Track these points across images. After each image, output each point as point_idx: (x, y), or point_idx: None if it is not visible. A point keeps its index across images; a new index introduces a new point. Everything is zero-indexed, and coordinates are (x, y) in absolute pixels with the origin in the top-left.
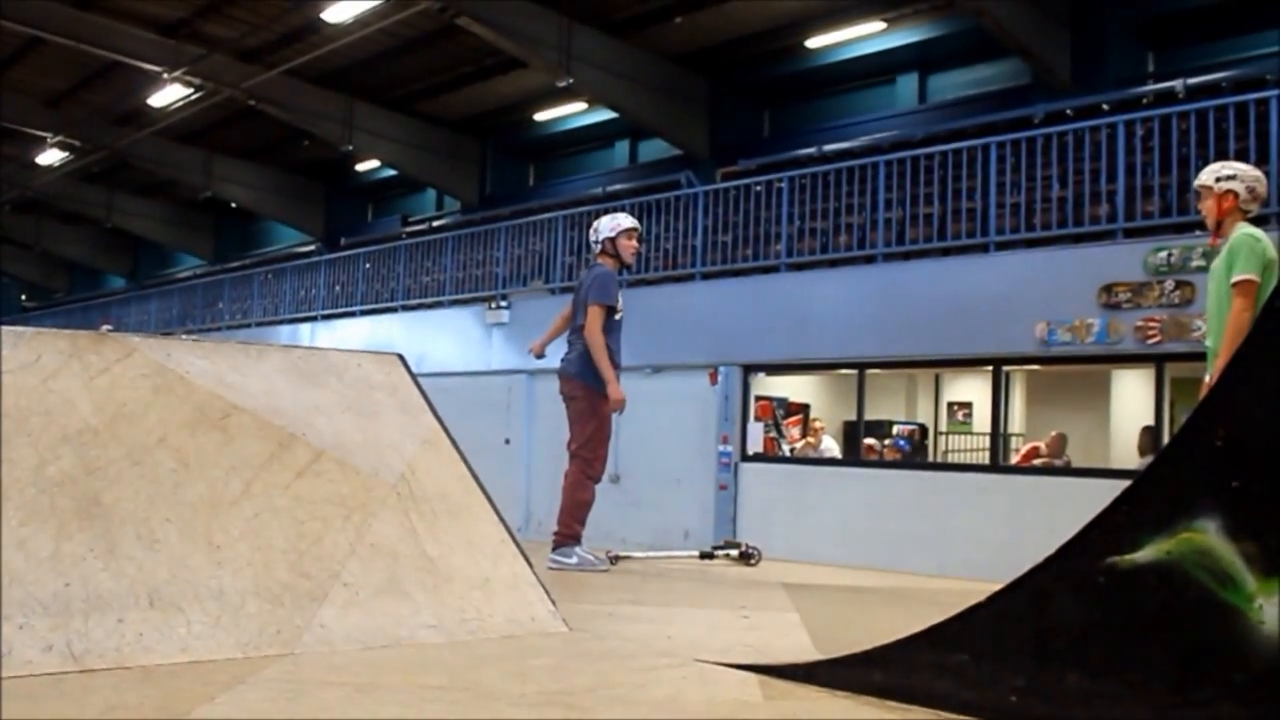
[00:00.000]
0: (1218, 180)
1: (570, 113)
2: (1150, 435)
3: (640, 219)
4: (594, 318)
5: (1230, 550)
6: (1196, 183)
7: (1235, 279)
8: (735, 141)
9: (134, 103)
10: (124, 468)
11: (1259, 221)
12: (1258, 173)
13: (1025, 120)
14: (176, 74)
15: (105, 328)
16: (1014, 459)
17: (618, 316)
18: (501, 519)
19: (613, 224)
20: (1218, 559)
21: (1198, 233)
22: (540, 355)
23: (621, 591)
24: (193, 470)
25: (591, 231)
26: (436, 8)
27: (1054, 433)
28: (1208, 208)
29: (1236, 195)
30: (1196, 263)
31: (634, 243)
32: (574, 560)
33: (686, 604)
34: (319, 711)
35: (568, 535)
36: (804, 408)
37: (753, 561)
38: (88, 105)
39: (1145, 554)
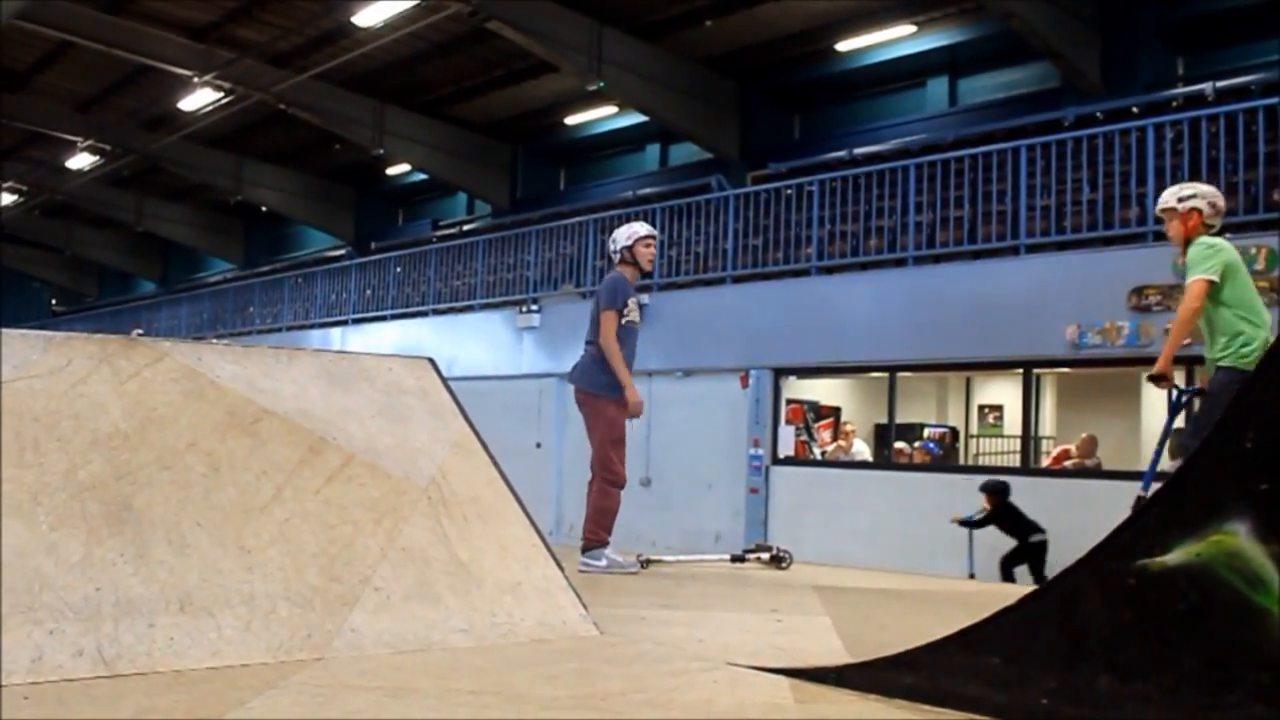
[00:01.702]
0: (1180, 201)
1: (601, 116)
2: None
3: (671, 222)
4: (607, 323)
5: (1261, 552)
6: (1159, 207)
7: (1190, 279)
8: (766, 145)
9: (164, 107)
10: (154, 472)
11: (1268, 225)
12: (1214, 189)
13: (1055, 123)
14: (207, 78)
15: (136, 332)
16: (1045, 462)
17: (624, 321)
18: (532, 523)
19: (629, 232)
20: (1248, 561)
21: (1227, 235)
22: None
23: (653, 595)
24: (223, 475)
25: (610, 242)
26: (467, 11)
27: (1085, 434)
28: (1174, 229)
29: (1200, 212)
30: None
31: (651, 249)
32: (603, 563)
33: (718, 607)
34: (350, 715)
35: (595, 540)
36: (835, 411)
37: (784, 565)
38: (118, 109)
39: (1175, 556)
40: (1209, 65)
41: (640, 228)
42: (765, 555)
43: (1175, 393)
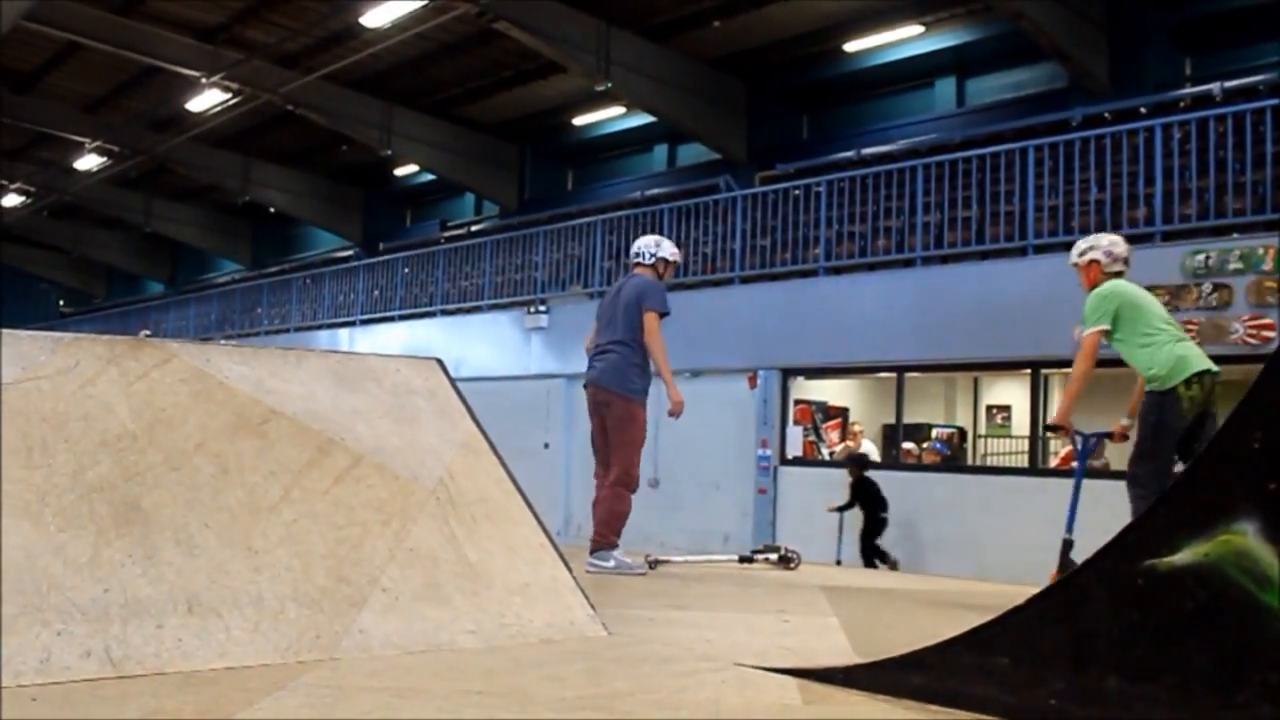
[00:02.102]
0: (1080, 255)
1: (608, 117)
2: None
3: (679, 223)
4: (656, 323)
5: (1269, 552)
6: (1069, 264)
7: (1084, 334)
8: (773, 145)
9: (172, 108)
10: (163, 473)
11: (1275, 225)
12: (1111, 237)
13: (1063, 124)
14: (215, 79)
15: (144, 333)
16: (1053, 462)
17: None
18: (540, 523)
19: (670, 249)
20: (1256, 561)
21: (1235, 235)
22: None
23: (661, 596)
24: (231, 476)
25: (650, 245)
26: (475, 12)
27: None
28: (1082, 282)
29: (1098, 263)
30: (1234, 265)
31: (671, 273)
32: (611, 564)
33: (726, 608)
34: (358, 716)
35: (605, 541)
36: (843, 411)
37: (792, 565)
38: (126, 110)
39: (1184, 556)
40: (1217, 65)
41: (674, 249)
42: (773, 556)
43: (1080, 440)
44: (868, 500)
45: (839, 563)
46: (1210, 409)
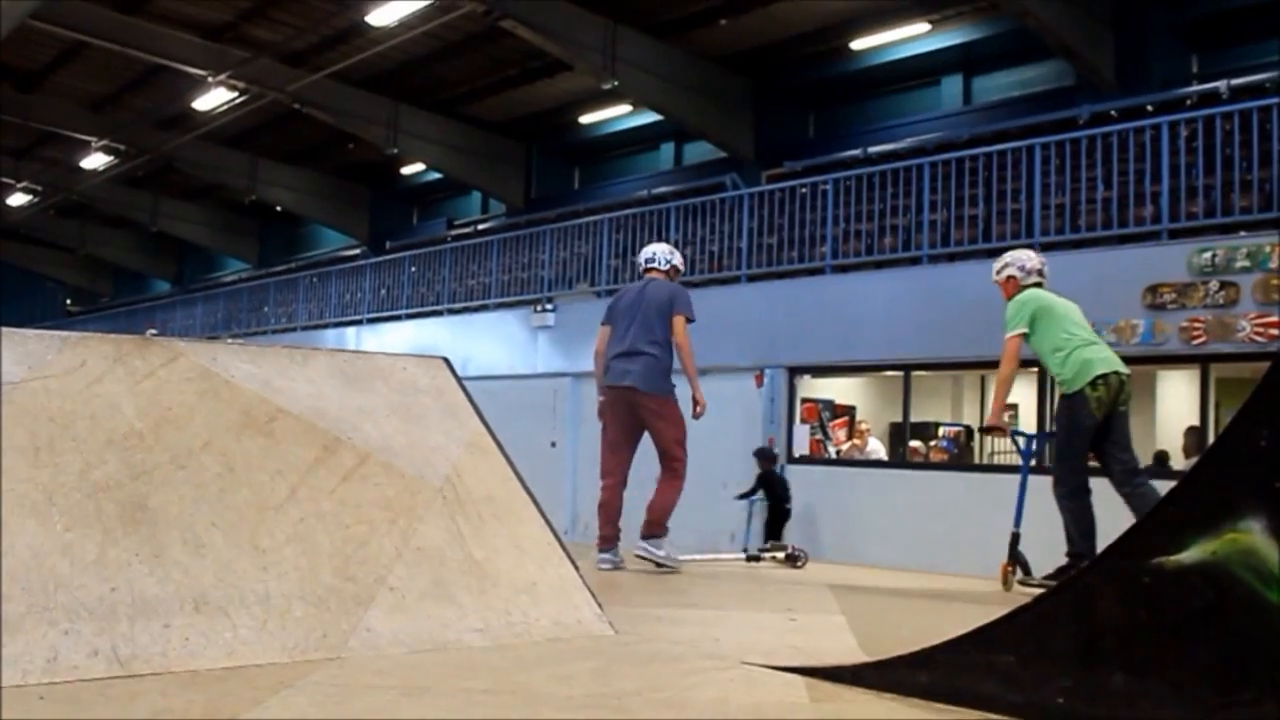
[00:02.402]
0: (998, 273)
1: (615, 115)
2: (1195, 436)
3: (685, 221)
4: (685, 328)
5: (1275, 550)
6: (991, 281)
7: (1005, 338)
8: (780, 143)
9: (179, 106)
10: (169, 472)
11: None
12: (1023, 253)
13: (1070, 122)
14: (221, 78)
15: (150, 332)
16: None
17: None
18: (547, 522)
19: (681, 261)
20: (1263, 559)
21: (1242, 233)
22: None
23: (668, 594)
24: (238, 474)
25: (665, 251)
26: (481, 10)
27: None
28: (1003, 296)
29: (1015, 277)
30: (1241, 263)
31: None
32: (663, 553)
33: (733, 606)
34: (365, 715)
35: (661, 530)
36: (850, 410)
37: (799, 564)
38: (132, 109)
39: (1190, 554)
40: (1224, 63)
41: (680, 260)
42: (780, 554)
43: (1024, 440)
44: (772, 491)
45: (745, 550)
46: (1120, 408)
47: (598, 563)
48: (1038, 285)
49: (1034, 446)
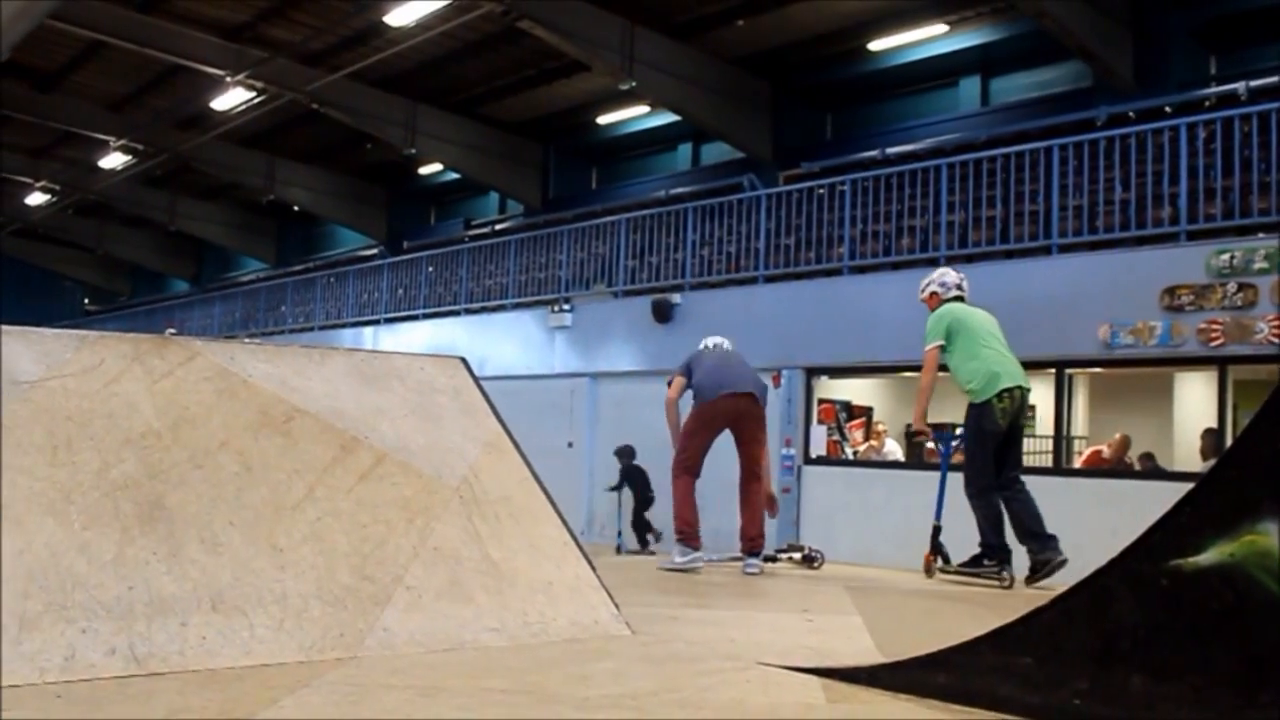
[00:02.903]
0: (922, 290)
1: (633, 116)
2: (1213, 438)
3: (703, 222)
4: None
5: None
6: (918, 299)
7: (924, 349)
8: (798, 144)
9: (197, 106)
10: (187, 471)
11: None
12: (943, 271)
13: (1088, 123)
14: (239, 77)
15: (170, 331)
16: (1077, 462)
17: None
18: (564, 522)
19: None
20: None
21: (1260, 235)
22: None
23: (685, 595)
24: (255, 474)
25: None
26: (499, 11)
27: (1119, 434)
28: (929, 310)
29: (937, 293)
30: (1259, 265)
31: None
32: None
33: (749, 607)
34: (382, 714)
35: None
36: (867, 411)
37: (815, 564)
38: (150, 109)
39: (1208, 556)
40: (1242, 64)
41: None
42: (797, 555)
43: (943, 445)
44: (634, 484)
45: (619, 539)
46: (1019, 421)
47: (750, 568)
48: (958, 299)
49: (953, 446)
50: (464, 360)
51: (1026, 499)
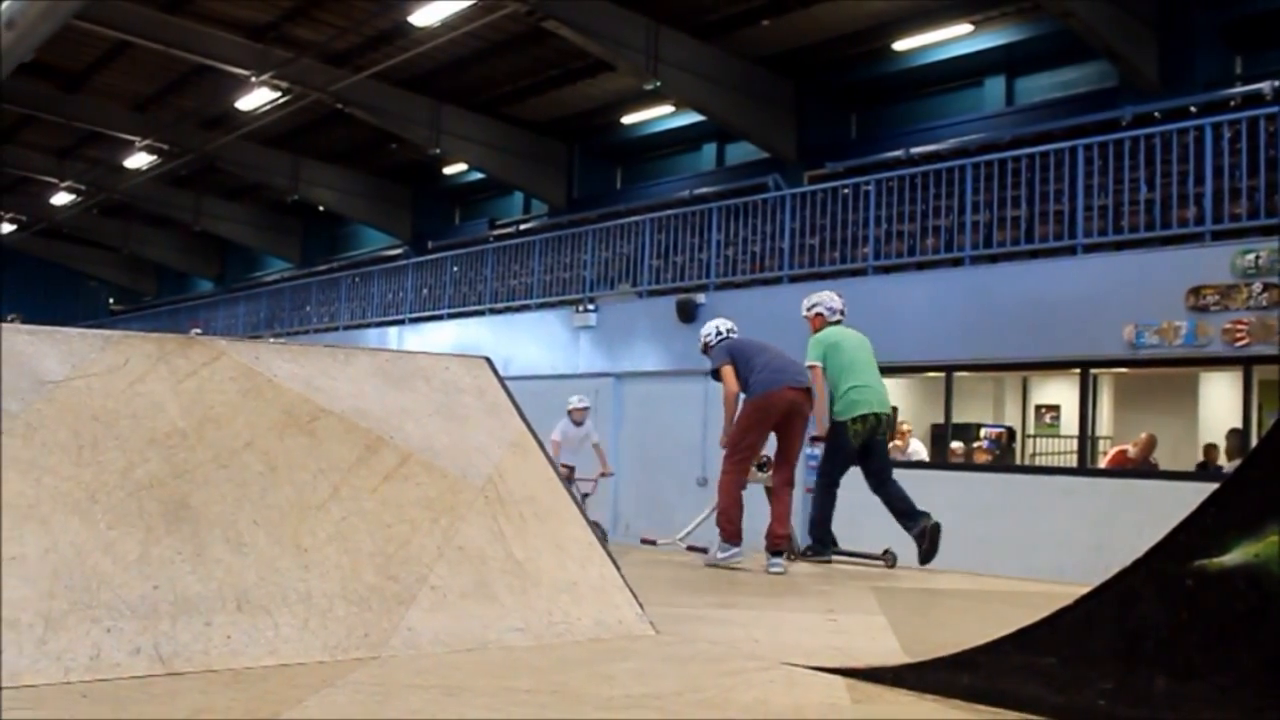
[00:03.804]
0: (808, 310)
1: (657, 115)
2: (1238, 438)
3: (727, 222)
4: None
5: None
6: (801, 315)
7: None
8: (822, 144)
9: (222, 106)
10: (211, 471)
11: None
12: (828, 294)
13: (1113, 123)
14: (264, 77)
15: (195, 331)
16: (1102, 462)
17: None
18: (589, 522)
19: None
20: None
21: (1277, 237)
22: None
23: (709, 594)
24: (280, 473)
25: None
26: (524, 11)
27: (1144, 434)
28: (812, 330)
29: (822, 315)
30: None
31: None
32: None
33: (774, 607)
34: (406, 714)
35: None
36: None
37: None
38: (175, 109)
39: (1234, 557)
40: (1268, 64)
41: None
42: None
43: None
44: None
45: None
46: (878, 436)
47: (775, 567)
48: (837, 323)
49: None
50: (489, 360)
51: (891, 492)
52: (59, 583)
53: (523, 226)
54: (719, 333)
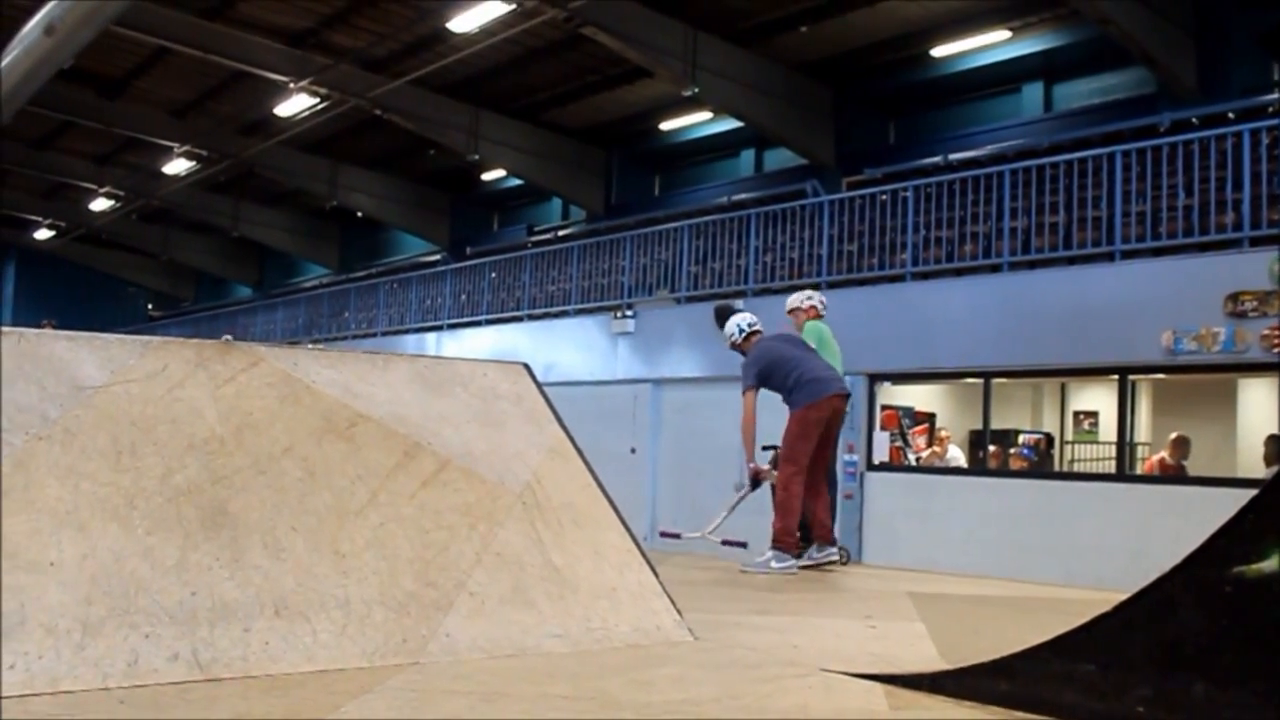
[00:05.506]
0: (804, 302)
1: (695, 122)
2: (1276, 444)
3: (766, 228)
4: None
5: None
6: (788, 309)
7: None
8: (860, 150)
9: (260, 112)
10: (250, 477)
11: None
12: (809, 291)
13: (1151, 129)
14: (303, 83)
15: (225, 338)
16: (1140, 468)
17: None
18: (627, 528)
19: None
20: None
21: None
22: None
23: (747, 601)
24: (319, 479)
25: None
26: (562, 17)
27: (1174, 434)
28: (799, 321)
29: (815, 307)
30: None
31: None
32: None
33: (812, 613)
34: None
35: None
36: (930, 417)
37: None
38: (214, 115)
39: (1271, 563)
40: None
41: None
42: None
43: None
44: None
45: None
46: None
47: (791, 570)
48: (819, 317)
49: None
50: (527, 366)
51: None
52: (97, 588)
53: (561, 233)
54: (741, 330)
